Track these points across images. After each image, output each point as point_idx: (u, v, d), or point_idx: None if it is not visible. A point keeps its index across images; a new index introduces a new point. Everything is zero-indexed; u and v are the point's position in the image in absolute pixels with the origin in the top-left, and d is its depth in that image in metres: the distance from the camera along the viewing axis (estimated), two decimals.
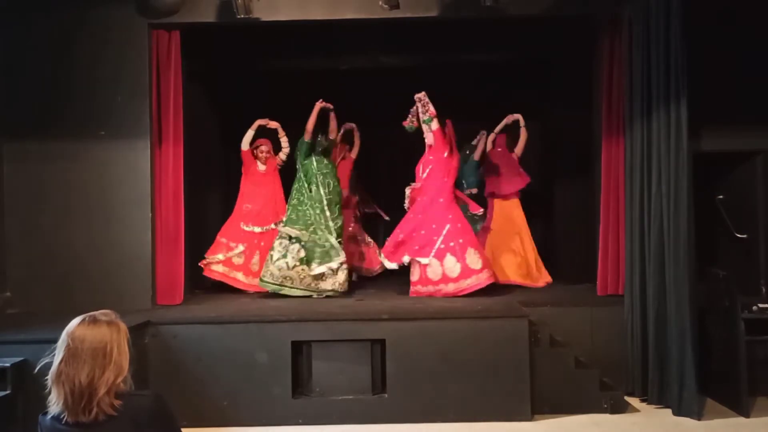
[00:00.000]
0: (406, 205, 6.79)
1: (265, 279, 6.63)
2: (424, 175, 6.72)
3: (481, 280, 6.34)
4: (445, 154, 6.68)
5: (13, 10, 6.10)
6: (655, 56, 5.53)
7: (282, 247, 6.65)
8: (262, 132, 7.30)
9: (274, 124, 7.25)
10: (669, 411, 5.40)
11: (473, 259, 6.38)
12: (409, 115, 6.71)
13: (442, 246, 6.43)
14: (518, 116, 7.33)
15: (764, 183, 6.09)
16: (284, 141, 7.27)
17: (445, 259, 6.41)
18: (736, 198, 6.35)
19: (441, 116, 6.71)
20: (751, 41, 5.96)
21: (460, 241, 6.42)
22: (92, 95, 6.10)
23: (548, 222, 8.42)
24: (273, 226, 7.03)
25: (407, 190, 6.83)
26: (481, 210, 7.10)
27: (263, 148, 7.28)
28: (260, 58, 7.47)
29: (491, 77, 8.28)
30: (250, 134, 7.18)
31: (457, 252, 6.38)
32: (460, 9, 6.04)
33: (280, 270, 6.56)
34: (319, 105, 6.81)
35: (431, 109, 6.61)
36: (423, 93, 6.65)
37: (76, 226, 6.07)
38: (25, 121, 6.12)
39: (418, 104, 6.65)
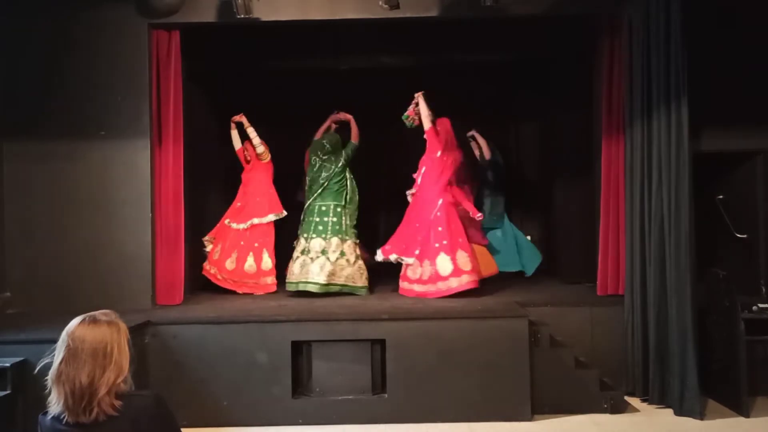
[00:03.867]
0: None
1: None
2: (419, 178, 6.73)
3: (463, 282, 6.23)
4: (438, 154, 6.68)
5: (12, 10, 6.09)
6: (655, 56, 5.53)
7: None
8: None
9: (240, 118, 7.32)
10: (669, 411, 5.40)
11: (463, 261, 6.32)
12: (411, 108, 6.73)
13: (436, 245, 6.38)
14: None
15: (764, 183, 6.09)
16: (251, 131, 7.29)
17: (438, 258, 6.34)
18: (736, 198, 6.34)
19: (442, 115, 6.69)
20: (752, 41, 5.96)
21: (444, 242, 6.35)
22: (92, 95, 6.10)
23: (548, 222, 8.42)
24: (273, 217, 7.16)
25: (408, 195, 6.88)
26: (480, 215, 6.93)
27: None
28: (260, 58, 7.46)
29: (491, 77, 8.28)
30: (233, 134, 7.33)
31: (449, 252, 6.32)
32: (460, 9, 6.03)
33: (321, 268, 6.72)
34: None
35: (422, 111, 6.61)
36: (420, 94, 6.65)
37: (76, 227, 6.06)
38: (25, 121, 6.11)
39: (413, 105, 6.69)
